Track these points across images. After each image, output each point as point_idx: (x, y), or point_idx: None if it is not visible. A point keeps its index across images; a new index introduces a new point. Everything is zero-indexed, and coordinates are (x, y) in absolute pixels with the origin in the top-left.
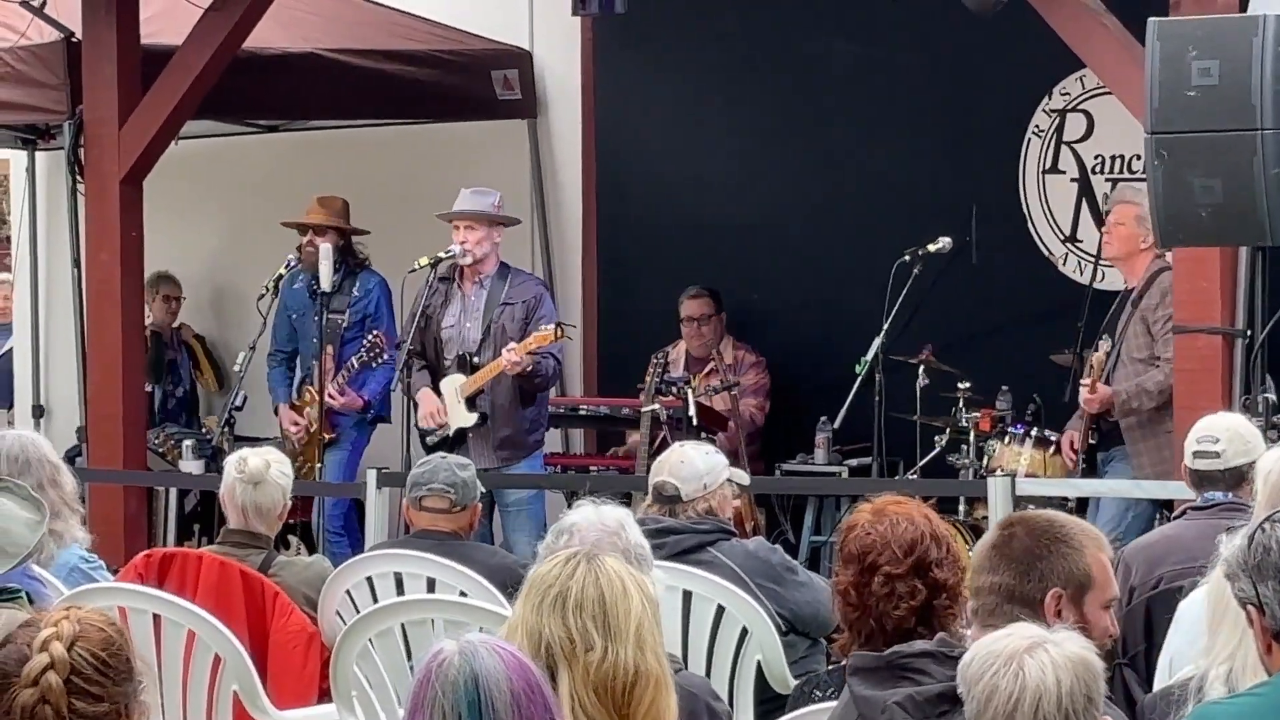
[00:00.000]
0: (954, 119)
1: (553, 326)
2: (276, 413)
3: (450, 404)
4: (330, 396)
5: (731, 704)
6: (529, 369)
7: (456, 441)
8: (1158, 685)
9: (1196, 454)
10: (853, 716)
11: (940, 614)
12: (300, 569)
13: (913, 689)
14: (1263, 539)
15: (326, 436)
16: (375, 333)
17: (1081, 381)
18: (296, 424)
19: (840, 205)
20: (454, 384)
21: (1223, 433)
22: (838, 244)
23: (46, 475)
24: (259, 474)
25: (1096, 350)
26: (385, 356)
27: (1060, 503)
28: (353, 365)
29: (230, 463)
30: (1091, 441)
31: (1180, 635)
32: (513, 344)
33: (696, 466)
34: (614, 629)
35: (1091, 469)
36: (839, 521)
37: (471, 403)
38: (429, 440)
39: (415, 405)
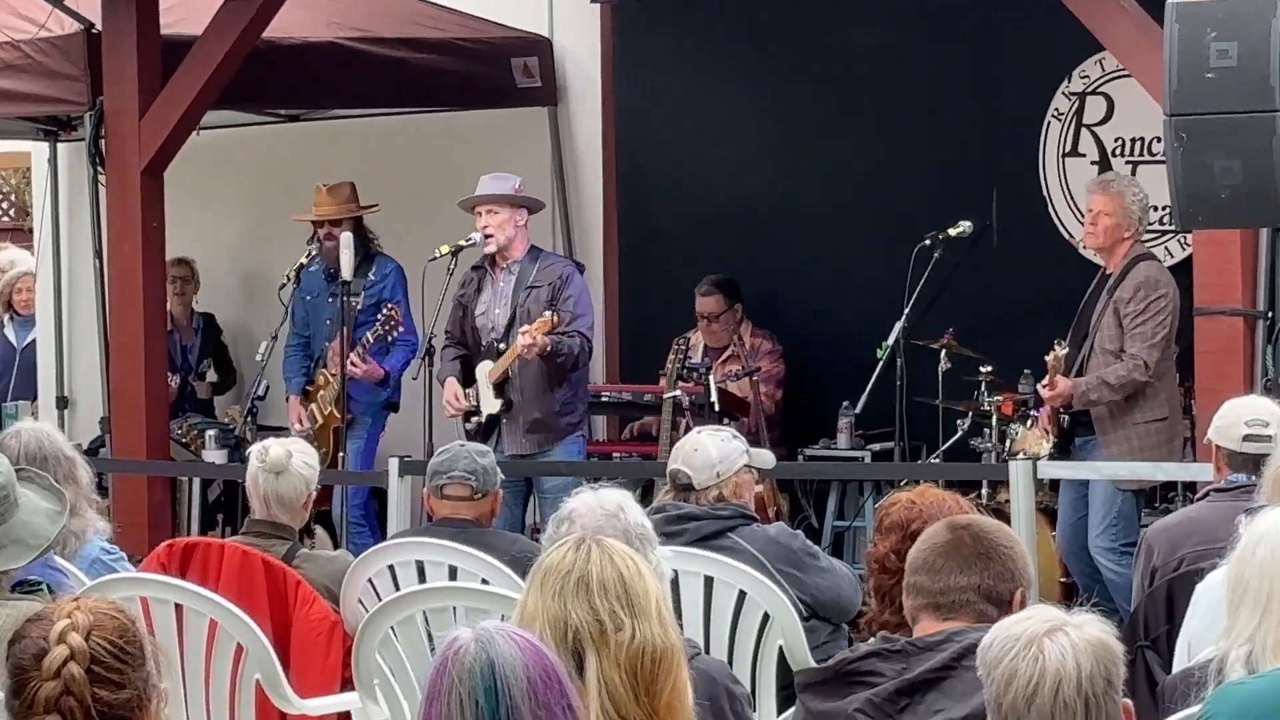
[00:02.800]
0: (974, 103)
1: (550, 314)
2: (288, 401)
3: (483, 391)
4: (353, 364)
5: (753, 689)
6: (547, 350)
7: (490, 428)
8: (1176, 667)
9: (1248, 437)
10: None
11: None
12: (323, 563)
13: (868, 692)
14: None
15: (345, 418)
16: (389, 306)
17: (1041, 384)
18: (302, 422)
19: (861, 190)
20: (484, 370)
21: (1270, 416)
22: (858, 228)
23: (64, 471)
24: (280, 464)
25: (1053, 350)
26: (400, 331)
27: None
28: (368, 340)
29: (253, 452)
30: (1063, 426)
31: (1198, 618)
32: (525, 326)
33: (709, 455)
34: (639, 607)
35: (1066, 454)
36: (862, 507)
37: (499, 389)
38: (467, 427)
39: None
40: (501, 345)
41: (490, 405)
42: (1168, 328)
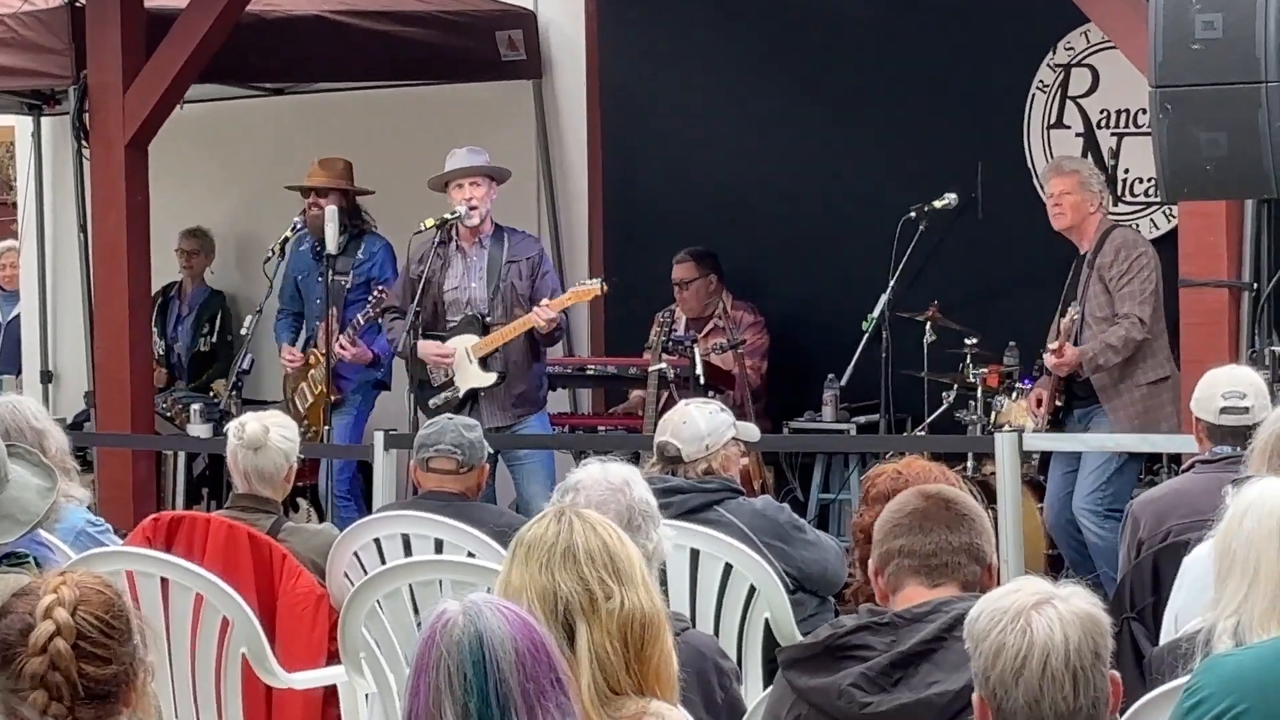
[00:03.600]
0: (959, 75)
1: (598, 282)
2: (280, 351)
3: (461, 365)
4: (341, 347)
5: (740, 662)
6: (554, 325)
7: (464, 403)
8: (1164, 639)
9: (1224, 409)
10: (791, 708)
11: None
12: (308, 536)
13: (861, 666)
14: None
15: (333, 398)
16: (380, 289)
17: (1049, 346)
18: (294, 357)
19: (846, 163)
20: (465, 344)
21: (1248, 388)
22: (844, 201)
23: (30, 443)
24: (258, 439)
25: (1064, 316)
26: (388, 293)
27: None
28: (359, 323)
29: (231, 429)
30: (1058, 403)
31: (1186, 589)
32: (546, 300)
33: (698, 427)
34: (625, 575)
35: (1060, 428)
36: (847, 480)
37: (485, 362)
38: (433, 403)
39: (414, 365)
40: (489, 319)
41: (478, 379)
42: (1154, 283)
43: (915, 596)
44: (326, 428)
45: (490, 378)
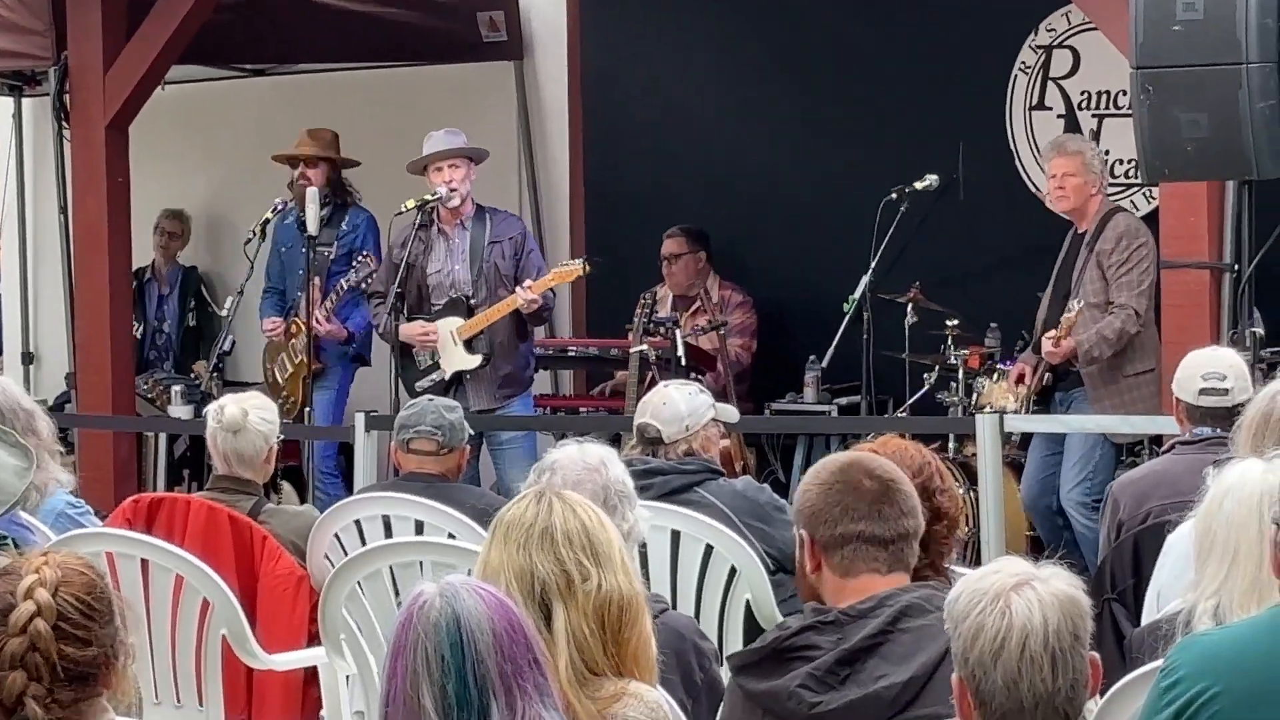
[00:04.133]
0: (941, 56)
1: (580, 262)
2: (261, 324)
3: (446, 347)
4: (317, 321)
5: (720, 643)
6: (539, 305)
7: (450, 385)
8: (1146, 619)
9: (1204, 391)
10: (746, 714)
11: (938, 541)
12: (289, 518)
13: (808, 666)
14: None
15: (314, 366)
16: (365, 253)
17: (1047, 335)
18: (275, 325)
19: (827, 144)
20: (449, 327)
21: (1228, 369)
22: (825, 183)
23: (22, 424)
24: (236, 422)
25: (1070, 311)
26: (370, 282)
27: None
28: (342, 287)
29: (209, 412)
30: (1046, 383)
31: (1168, 569)
32: (529, 281)
33: (678, 408)
34: (603, 557)
35: (1045, 408)
36: None
37: (470, 344)
38: (419, 386)
39: (398, 349)
40: (473, 301)
41: (463, 361)
42: (1152, 275)
43: (871, 586)
44: (308, 409)
45: (475, 360)
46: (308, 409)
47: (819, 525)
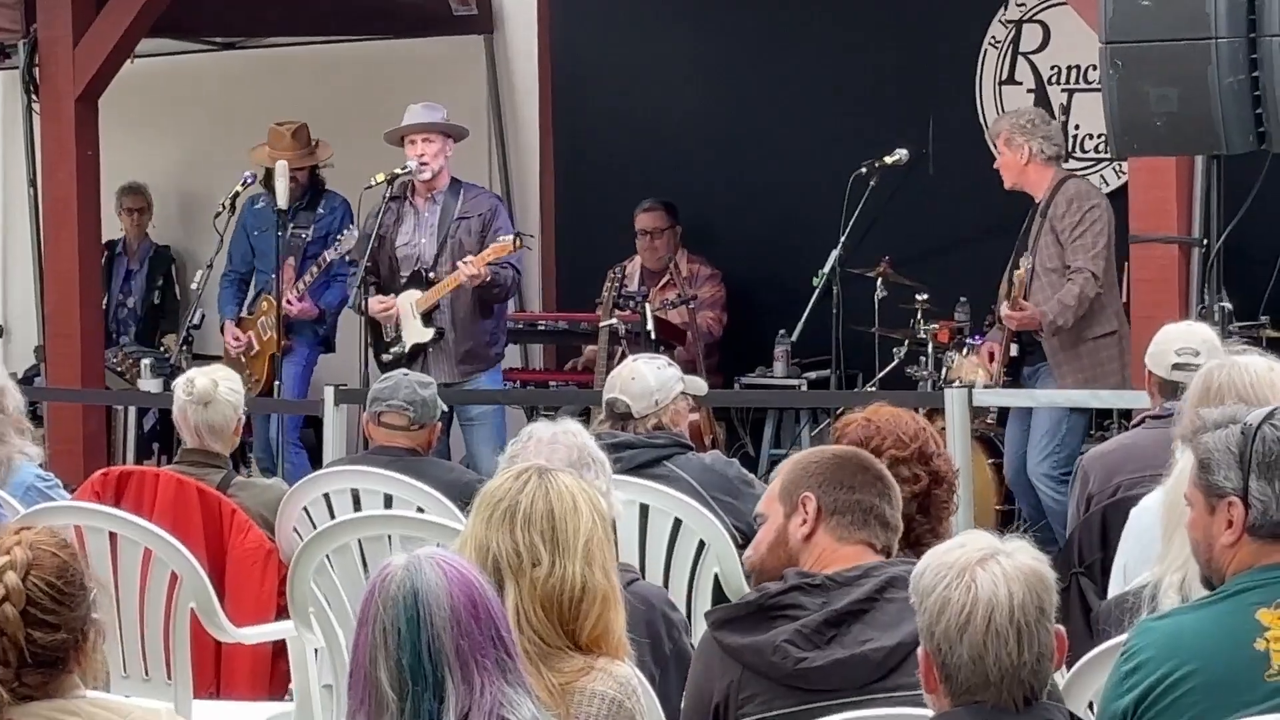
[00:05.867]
0: (911, 31)
1: (511, 237)
2: (223, 330)
3: (406, 320)
4: (288, 302)
5: (689, 616)
6: (487, 280)
7: (412, 358)
8: (1112, 592)
9: (1176, 365)
10: (722, 669)
11: (938, 505)
12: (259, 491)
13: (794, 624)
14: (1276, 435)
15: (283, 343)
16: (349, 227)
17: (1004, 304)
18: (238, 339)
19: (797, 118)
20: (409, 300)
21: (1200, 344)
22: (795, 156)
23: None
24: (207, 394)
25: (1019, 268)
26: (349, 257)
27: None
28: (324, 259)
29: (178, 385)
30: (1013, 355)
31: (1132, 541)
32: (470, 256)
33: (647, 383)
34: (562, 544)
35: (1015, 383)
36: (799, 435)
37: (427, 318)
38: (384, 358)
39: (367, 322)
40: (431, 275)
41: (419, 334)
42: (1106, 236)
43: (862, 557)
44: (277, 382)
45: (428, 333)
46: (277, 382)
47: (831, 487)
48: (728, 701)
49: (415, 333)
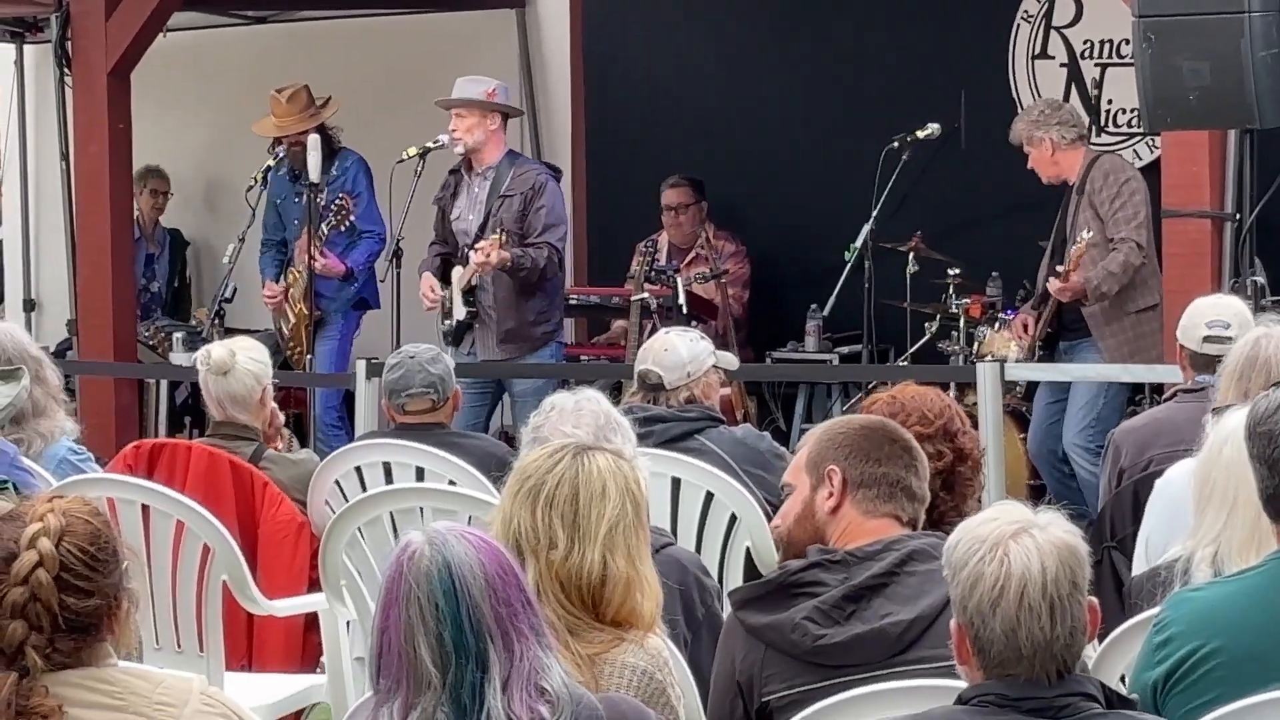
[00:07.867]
0: (943, 5)
1: (495, 236)
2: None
3: (455, 295)
4: (312, 258)
5: (721, 589)
6: (509, 264)
7: (460, 332)
8: (1136, 564)
9: (1208, 339)
10: (746, 649)
11: (963, 482)
12: (289, 465)
13: (814, 601)
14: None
15: (315, 314)
16: (341, 195)
17: (1056, 269)
18: (273, 294)
19: (829, 92)
20: (456, 275)
21: (1232, 317)
22: (827, 131)
23: (31, 371)
24: (224, 364)
25: (1079, 241)
26: (351, 220)
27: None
28: (323, 233)
29: (198, 358)
30: (1050, 330)
31: (1155, 514)
32: (480, 244)
33: (680, 355)
34: (582, 530)
35: (1049, 357)
36: (830, 409)
37: (467, 297)
38: (441, 329)
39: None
40: (473, 251)
41: (460, 312)
42: (1146, 205)
43: (887, 530)
44: (309, 356)
45: (463, 312)
46: (309, 356)
47: (858, 460)
48: (752, 681)
49: (458, 309)
